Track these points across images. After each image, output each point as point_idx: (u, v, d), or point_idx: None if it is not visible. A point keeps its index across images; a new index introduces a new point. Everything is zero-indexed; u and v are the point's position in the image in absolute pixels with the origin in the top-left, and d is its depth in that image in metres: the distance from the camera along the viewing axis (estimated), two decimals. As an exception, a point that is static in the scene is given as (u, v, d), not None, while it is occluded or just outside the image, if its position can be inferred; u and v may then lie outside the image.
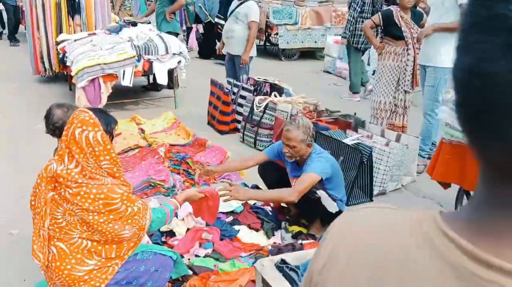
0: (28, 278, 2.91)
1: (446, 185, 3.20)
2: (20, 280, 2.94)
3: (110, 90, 5.91)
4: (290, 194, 3.05)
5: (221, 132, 5.84)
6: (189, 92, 7.87)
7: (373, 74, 7.33)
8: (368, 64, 7.97)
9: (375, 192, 4.17)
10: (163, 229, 3.30)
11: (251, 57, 6.14)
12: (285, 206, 3.72)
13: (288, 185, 3.56)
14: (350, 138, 4.27)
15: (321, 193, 3.24)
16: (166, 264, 2.56)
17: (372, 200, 4.13)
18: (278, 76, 6.56)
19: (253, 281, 2.59)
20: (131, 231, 2.28)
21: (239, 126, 5.82)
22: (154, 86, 7.78)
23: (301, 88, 6.61)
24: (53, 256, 2.26)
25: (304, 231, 3.54)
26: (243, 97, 5.76)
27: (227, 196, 3.00)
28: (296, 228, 3.59)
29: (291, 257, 1.89)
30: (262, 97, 5.38)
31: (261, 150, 5.27)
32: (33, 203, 2.33)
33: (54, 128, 2.78)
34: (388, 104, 5.26)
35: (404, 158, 4.26)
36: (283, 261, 1.82)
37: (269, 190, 3.12)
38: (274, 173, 3.60)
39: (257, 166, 3.67)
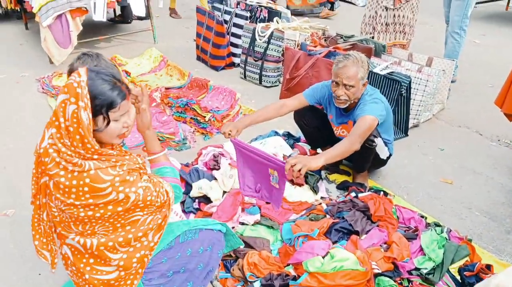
0: (45, 271, 2.40)
1: (512, 117, 2.83)
2: (35, 274, 2.41)
3: (81, 28, 5.02)
4: (353, 142, 2.52)
5: (216, 68, 5.18)
6: (165, 23, 7.00)
7: None
8: None
9: (409, 125, 3.77)
10: (194, 194, 2.81)
11: (242, -24, 5.33)
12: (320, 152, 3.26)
13: (331, 132, 3.09)
14: (380, 67, 3.75)
15: (378, 141, 2.79)
16: (215, 240, 2.07)
17: (407, 135, 3.74)
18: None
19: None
20: (145, 212, 1.73)
21: (236, 60, 5.17)
22: (124, 18, 6.86)
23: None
24: (68, 258, 1.74)
25: (349, 179, 3.14)
26: (238, 26, 5.04)
27: (300, 168, 2.22)
28: (337, 177, 3.19)
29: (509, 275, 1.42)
30: (263, 24, 4.69)
31: (268, 87, 4.72)
32: (32, 188, 1.74)
33: None
34: (368, 18, 4.87)
35: (439, 85, 3.83)
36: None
37: (332, 147, 2.55)
38: (314, 119, 3.09)
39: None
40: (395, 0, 4.59)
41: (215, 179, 2.91)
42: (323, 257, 2.12)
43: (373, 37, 4.78)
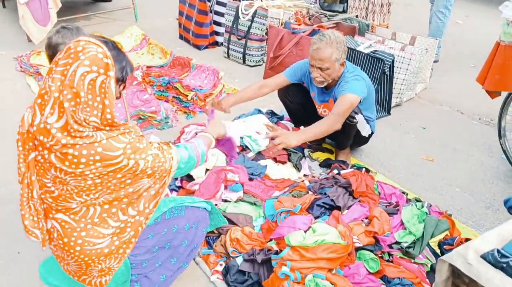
0: (24, 249, 2.36)
1: (494, 94, 2.84)
2: (13, 253, 2.38)
3: (60, 5, 4.89)
4: (335, 121, 2.54)
5: (199, 47, 5.10)
6: (146, 1, 6.85)
7: None
8: None
9: (391, 104, 3.78)
10: (176, 172, 2.78)
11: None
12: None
13: (315, 109, 3.08)
14: (363, 45, 3.74)
15: (359, 117, 2.79)
16: (201, 217, 2.08)
17: (390, 114, 3.76)
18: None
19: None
20: (150, 179, 1.72)
21: (219, 39, 5.10)
22: (104, -4, 6.70)
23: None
24: (57, 232, 1.70)
25: (331, 157, 3.15)
26: (222, 3, 4.96)
27: (280, 144, 2.38)
28: (320, 155, 3.19)
29: (493, 240, 1.41)
30: (247, 2, 4.63)
31: (252, 66, 4.67)
32: (20, 167, 1.69)
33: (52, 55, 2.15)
34: (358, 2, 4.84)
35: (422, 64, 3.83)
36: (500, 253, 1.33)
37: (314, 125, 2.56)
38: (299, 95, 3.06)
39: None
40: None
41: (198, 156, 2.88)
42: (305, 231, 2.13)
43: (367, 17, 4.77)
